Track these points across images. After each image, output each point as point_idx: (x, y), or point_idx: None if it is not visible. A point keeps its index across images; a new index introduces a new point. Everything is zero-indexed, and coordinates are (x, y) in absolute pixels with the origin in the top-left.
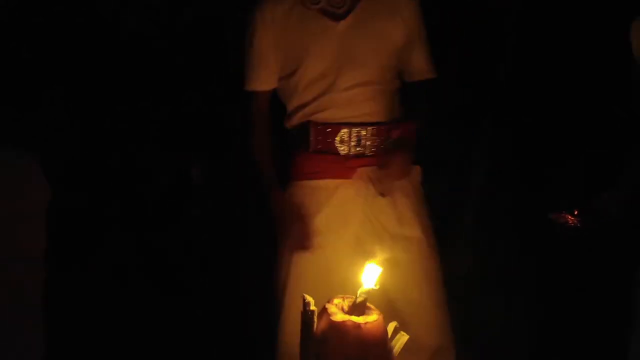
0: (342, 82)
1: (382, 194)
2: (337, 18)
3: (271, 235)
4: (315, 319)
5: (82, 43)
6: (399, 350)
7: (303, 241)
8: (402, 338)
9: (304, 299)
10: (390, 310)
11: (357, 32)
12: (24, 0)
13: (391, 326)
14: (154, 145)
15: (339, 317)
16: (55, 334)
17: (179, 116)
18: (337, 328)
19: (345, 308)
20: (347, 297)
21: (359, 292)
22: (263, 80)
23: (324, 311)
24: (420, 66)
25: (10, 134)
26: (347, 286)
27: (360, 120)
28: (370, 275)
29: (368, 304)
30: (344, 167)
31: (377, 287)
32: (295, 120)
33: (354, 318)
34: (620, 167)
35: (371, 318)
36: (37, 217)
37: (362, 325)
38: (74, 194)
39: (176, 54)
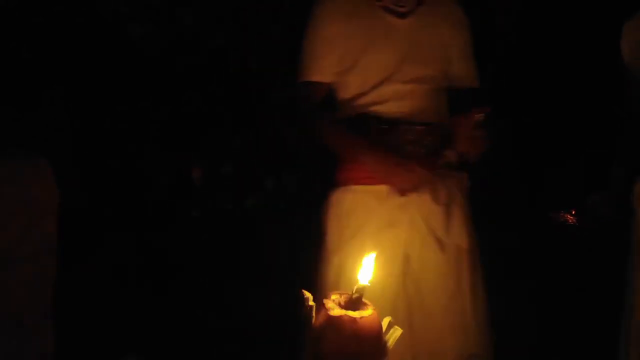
0: (401, 75)
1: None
2: (399, 16)
3: (271, 235)
4: (314, 314)
5: (82, 43)
6: (393, 343)
7: (416, 177)
8: (396, 332)
9: (303, 295)
10: (424, 317)
11: (419, 32)
12: (24, 0)
13: (385, 320)
14: (154, 145)
15: (335, 311)
16: (55, 333)
17: (179, 116)
18: (334, 322)
19: (342, 303)
20: (343, 293)
21: (355, 288)
22: (325, 72)
23: (321, 306)
24: (467, 74)
25: (10, 134)
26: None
27: (417, 119)
28: (365, 271)
29: (363, 299)
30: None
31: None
32: (348, 116)
33: (350, 313)
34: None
35: (366, 313)
36: (47, 218)
37: (358, 320)
38: (74, 194)
39: (176, 54)
